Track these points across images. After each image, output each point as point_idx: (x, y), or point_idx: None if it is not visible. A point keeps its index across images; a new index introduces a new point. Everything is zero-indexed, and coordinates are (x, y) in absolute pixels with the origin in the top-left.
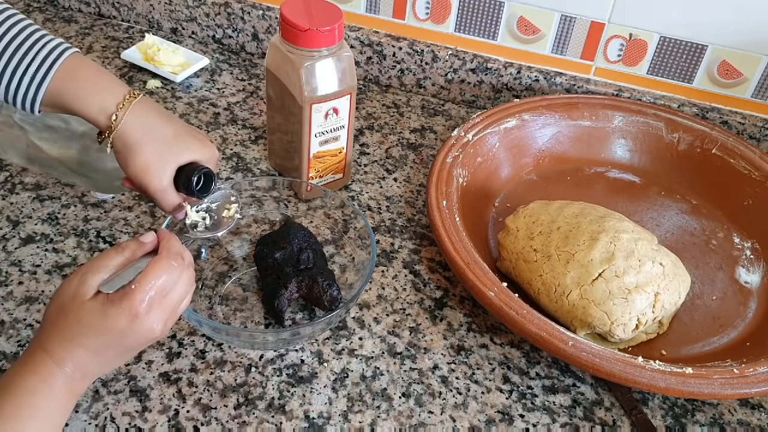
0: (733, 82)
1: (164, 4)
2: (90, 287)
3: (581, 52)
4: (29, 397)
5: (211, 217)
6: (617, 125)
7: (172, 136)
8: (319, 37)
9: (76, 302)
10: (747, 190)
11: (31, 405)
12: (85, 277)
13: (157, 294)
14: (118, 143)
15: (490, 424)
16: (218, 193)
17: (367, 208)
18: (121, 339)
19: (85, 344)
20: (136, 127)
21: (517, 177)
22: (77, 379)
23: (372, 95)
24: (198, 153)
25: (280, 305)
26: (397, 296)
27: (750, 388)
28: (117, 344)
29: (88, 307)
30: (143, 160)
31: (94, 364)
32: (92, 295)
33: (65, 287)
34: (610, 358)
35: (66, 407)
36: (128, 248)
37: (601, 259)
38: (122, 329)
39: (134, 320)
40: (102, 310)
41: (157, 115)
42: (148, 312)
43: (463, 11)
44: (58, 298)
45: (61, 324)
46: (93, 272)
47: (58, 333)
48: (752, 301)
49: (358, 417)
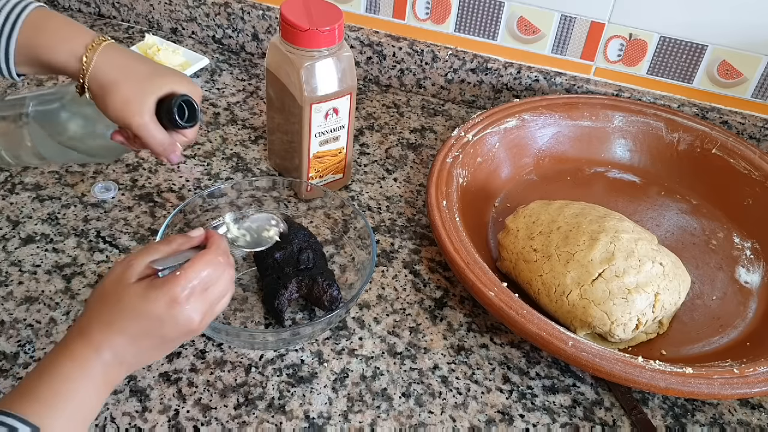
0: (733, 82)
1: (164, 4)
2: (135, 272)
3: (581, 52)
4: (64, 382)
5: (251, 236)
6: (617, 125)
7: (148, 72)
8: (319, 37)
9: (119, 286)
10: (747, 190)
11: (65, 391)
12: (131, 263)
13: (199, 284)
14: (94, 86)
15: (490, 424)
16: (261, 216)
17: (367, 208)
18: (159, 326)
19: (124, 329)
20: (110, 67)
21: (517, 177)
22: (114, 367)
23: (372, 95)
24: (177, 84)
25: (280, 305)
26: (397, 296)
27: (750, 388)
28: (155, 332)
29: (131, 291)
30: (121, 97)
31: (131, 352)
32: (136, 279)
33: (109, 274)
34: (610, 358)
35: (101, 394)
36: (175, 241)
37: (601, 259)
38: (161, 315)
39: (173, 306)
40: (143, 293)
41: (129, 55)
42: (188, 300)
43: (463, 11)
44: (102, 285)
45: (102, 309)
46: (140, 258)
47: (97, 318)
48: (752, 301)
49: (358, 417)
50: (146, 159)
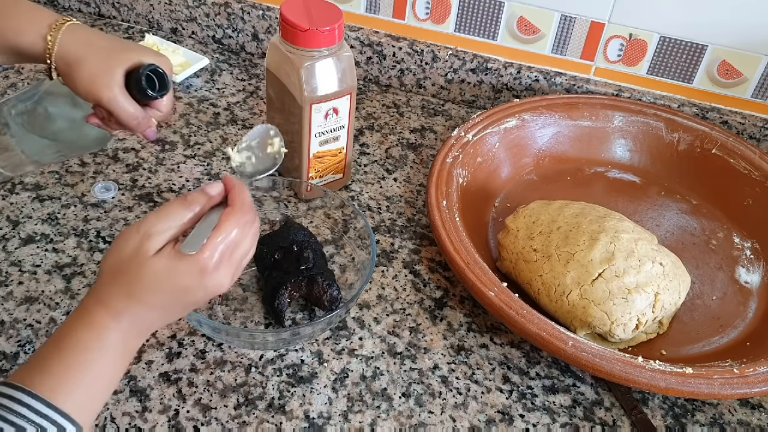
0: (733, 82)
1: (164, 4)
2: (155, 243)
3: (581, 52)
4: (82, 352)
5: (255, 156)
6: (617, 125)
7: (113, 45)
8: (319, 37)
9: (138, 259)
10: (747, 190)
11: (82, 361)
12: (149, 233)
13: (227, 248)
14: (60, 65)
15: (490, 424)
16: (256, 130)
17: (367, 208)
18: (188, 295)
19: (149, 300)
20: (75, 44)
21: (517, 177)
22: (133, 335)
23: (372, 95)
24: (144, 55)
25: (280, 305)
26: (397, 296)
27: (750, 388)
28: (183, 300)
29: (154, 264)
30: (87, 72)
31: (153, 318)
32: (156, 250)
33: (123, 243)
34: (610, 358)
35: (121, 364)
36: (196, 202)
37: (601, 259)
38: (191, 286)
39: (204, 276)
40: (170, 266)
41: (94, 31)
42: (218, 268)
43: (463, 11)
44: (117, 254)
45: (122, 280)
46: (158, 229)
47: (117, 289)
48: (752, 301)
49: (358, 417)
50: (146, 159)
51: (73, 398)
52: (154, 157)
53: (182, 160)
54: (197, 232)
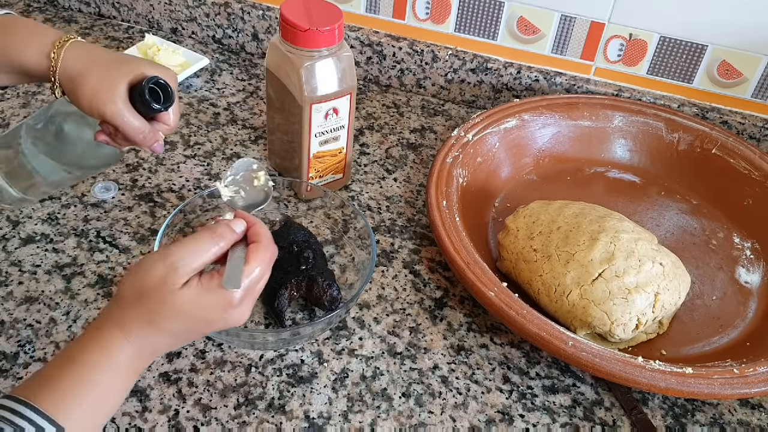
0: (733, 82)
1: (164, 4)
2: (181, 276)
3: (581, 52)
4: (89, 371)
5: (243, 189)
6: (617, 125)
7: (115, 59)
8: (319, 37)
9: (164, 290)
10: (747, 190)
11: (90, 379)
12: (177, 265)
13: (252, 284)
14: (64, 81)
15: (490, 424)
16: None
17: (367, 208)
18: (208, 326)
19: (167, 328)
20: (77, 59)
21: (517, 177)
22: (143, 357)
23: (372, 95)
24: (147, 68)
25: (280, 305)
26: (397, 296)
27: (750, 388)
28: (201, 330)
29: (179, 297)
30: (90, 87)
31: (165, 343)
32: (183, 283)
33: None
34: (610, 358)
35: (126, 384)
36: (223, 238)
37: (601, 259)
38: (214, 319)
39: (227, 311)
40: (196, 299)
41: (96, 47)
42: (242, 302)
43: (463, 11)
44: (140, 280)
45: (141, 306)
46: (186, 263)
47: (138, 314)
48: (752, 301)
49: (358, 417)
50: (146, 159)
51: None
52: (154, 157)
53: (182, 160)
54: (234, 269)
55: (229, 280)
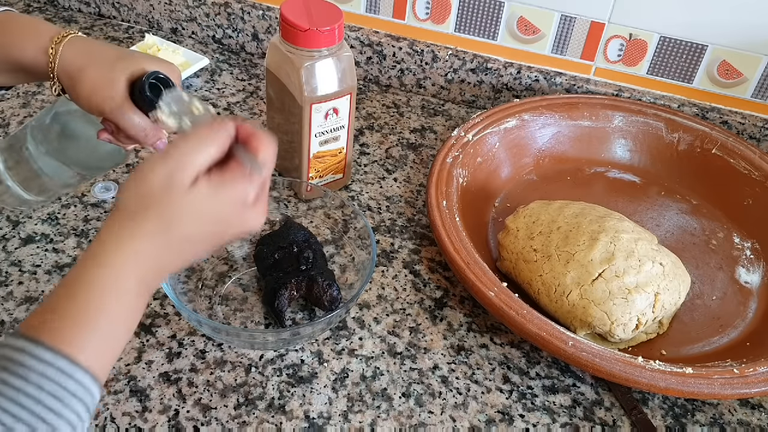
0: (733, 82)
1: (164, 4)
2: (189, 173)
3: (581, 52)
4: (101, 296)
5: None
6: (617, 125)
7: (115, 54)
8: (319, 37)
9: (172, 190)
10: (747, 190)
11: (100, 306)
12: (182, 161)
13: (263, 184)
14: (63, 78)
15: (490, 424)
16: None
17: (367, 208)
18: (226, 230)
19: (182, 235)
20: (76, 55)
21: (517, 177)
22: (157, 275)
23: (372, 95)
24: (149, 63)
25: (280, 305)
26: (397, 296)
27: (750, 388)
28: (219, 235)
29: (192, 194)
30: (89, 83)
31: (181, 257)
32: (192, 182)
33: (151, 176)
34: (610, 358)
35: (138, 308)
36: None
37: (601, 259)
38: (230, 218)
39: (245, 209)
40: (210, 196)
41: (95, 42)
42: (256, 202)
43: (463, 11)
44: (143, 187)
45: (151, 214)
46: (191, 157)
47: (146, 225)
48: (752, 301)
49: (358, 417)
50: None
51: (91, 345)
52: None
53: None
54: (248, 157)
55: (252, 165)
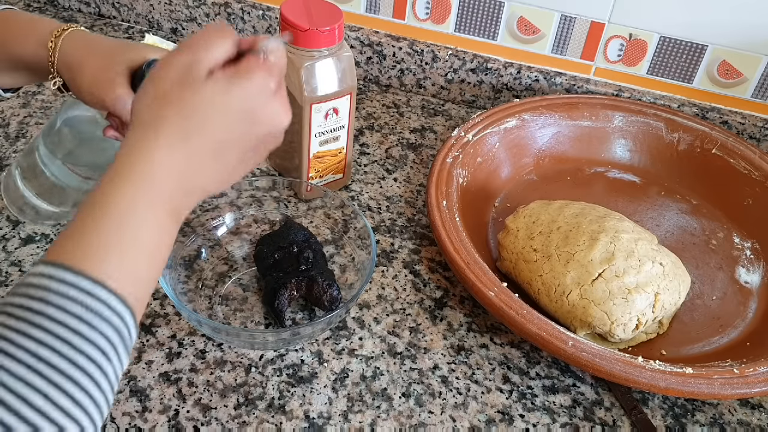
0: (733, 82)
1: (164, 4)
2: (205, 64)
3: (581, 52)
4: (118, 214)
5: None
6: (617, 125)
7: (115, 45)
8: (319, 37)
9: (190, 84)
10: (747, 190)
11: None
12: (196, 54)
13: (281, 76)
14: (63, 71)
15: (490, 424)
16: None
17: (367, 208)
18: (252, 126)
19: (209, 136)
20: (76, 48)
21: (517, 177)
22: (188, 193)
23: (372, 95)
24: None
25: (280, 305)
26: (397, 296)
27: (750, 388)
28: (244, 136)
29: (211, 86)
30: (89, 74)
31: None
32: (207, 75)
33: (165, 75)
34: (610, 358)
35: (168, 230)
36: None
37: (601, 259)
38: (256, 107)
39: (268, 97)
40: (231, 86)
41: (97, 36)
42: (276, 93)
43: (463, 11)
44: (157, 88)
45: (170, 115)
46: (206, 50)
47: (164, 130)
48: (752, 301)
49: (358, 417)
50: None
51: (123, 271)
52: None
53: None
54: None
55: (271, 39)
